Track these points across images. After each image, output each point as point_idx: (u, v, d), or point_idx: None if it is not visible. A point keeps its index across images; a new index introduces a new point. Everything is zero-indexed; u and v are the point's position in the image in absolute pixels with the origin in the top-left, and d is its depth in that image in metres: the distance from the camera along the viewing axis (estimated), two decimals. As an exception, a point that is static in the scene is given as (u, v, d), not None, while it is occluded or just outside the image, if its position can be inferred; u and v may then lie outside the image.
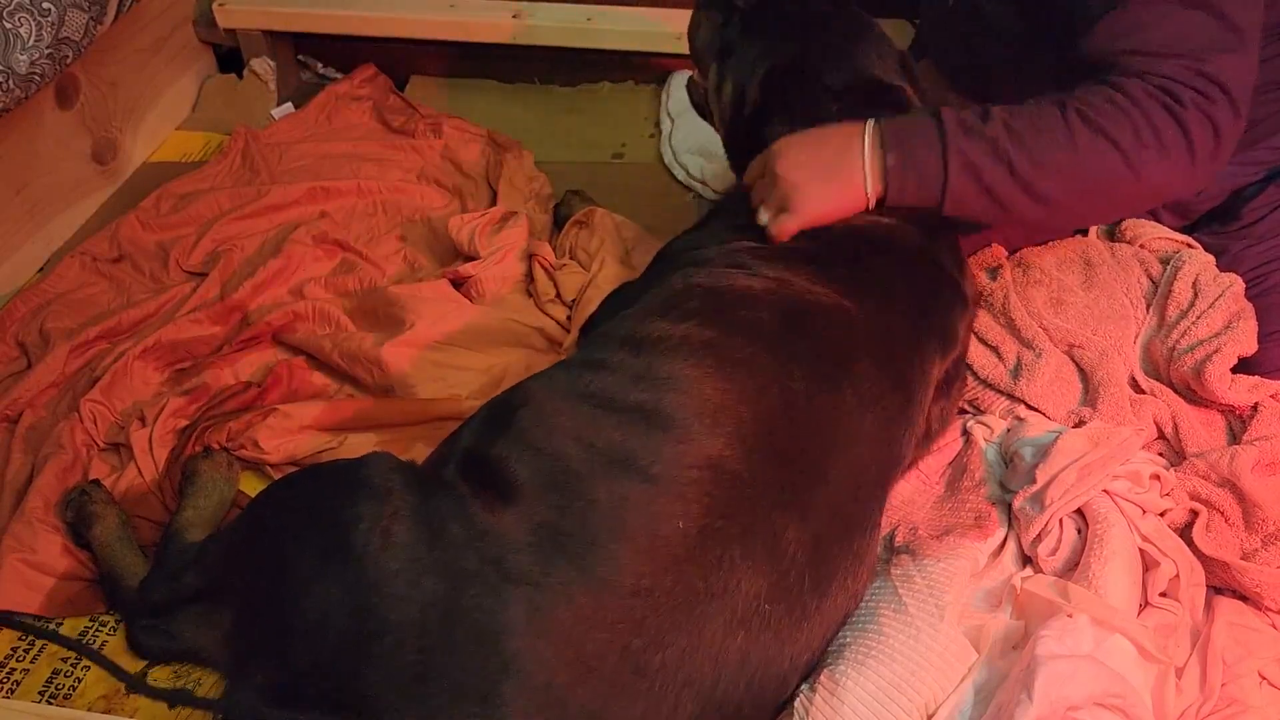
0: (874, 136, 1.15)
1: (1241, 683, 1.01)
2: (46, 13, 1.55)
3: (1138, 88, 1.10)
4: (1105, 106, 1.10)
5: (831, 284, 1.10)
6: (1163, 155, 1.10)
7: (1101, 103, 1.11)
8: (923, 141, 1.13)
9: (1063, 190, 1.13)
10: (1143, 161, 1.10)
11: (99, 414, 1.40)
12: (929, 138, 1.13)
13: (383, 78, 2.19)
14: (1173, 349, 1.26)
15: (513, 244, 1.67)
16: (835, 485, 0.99)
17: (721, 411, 0.97)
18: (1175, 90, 1.09)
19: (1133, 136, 1.09)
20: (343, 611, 0.88)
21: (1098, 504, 1.08)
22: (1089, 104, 1.11)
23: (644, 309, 1.10)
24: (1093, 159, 1.11)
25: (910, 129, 1.15)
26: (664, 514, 0.90)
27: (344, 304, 1.58)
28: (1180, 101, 1.09)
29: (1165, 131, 1.09)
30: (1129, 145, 1.10)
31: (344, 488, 0.96)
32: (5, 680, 1.15)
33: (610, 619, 0.86)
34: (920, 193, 1.14)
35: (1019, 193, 1.12)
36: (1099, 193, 1.15)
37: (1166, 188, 1.19)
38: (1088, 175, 1.12)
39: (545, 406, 1.00)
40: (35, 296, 1.62)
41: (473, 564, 0.87)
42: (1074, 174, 1.12)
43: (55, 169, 1.80)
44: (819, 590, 0.95)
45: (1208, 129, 1.09)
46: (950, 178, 1.12)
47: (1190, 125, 1.09)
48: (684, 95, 2.04)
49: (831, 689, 0.94)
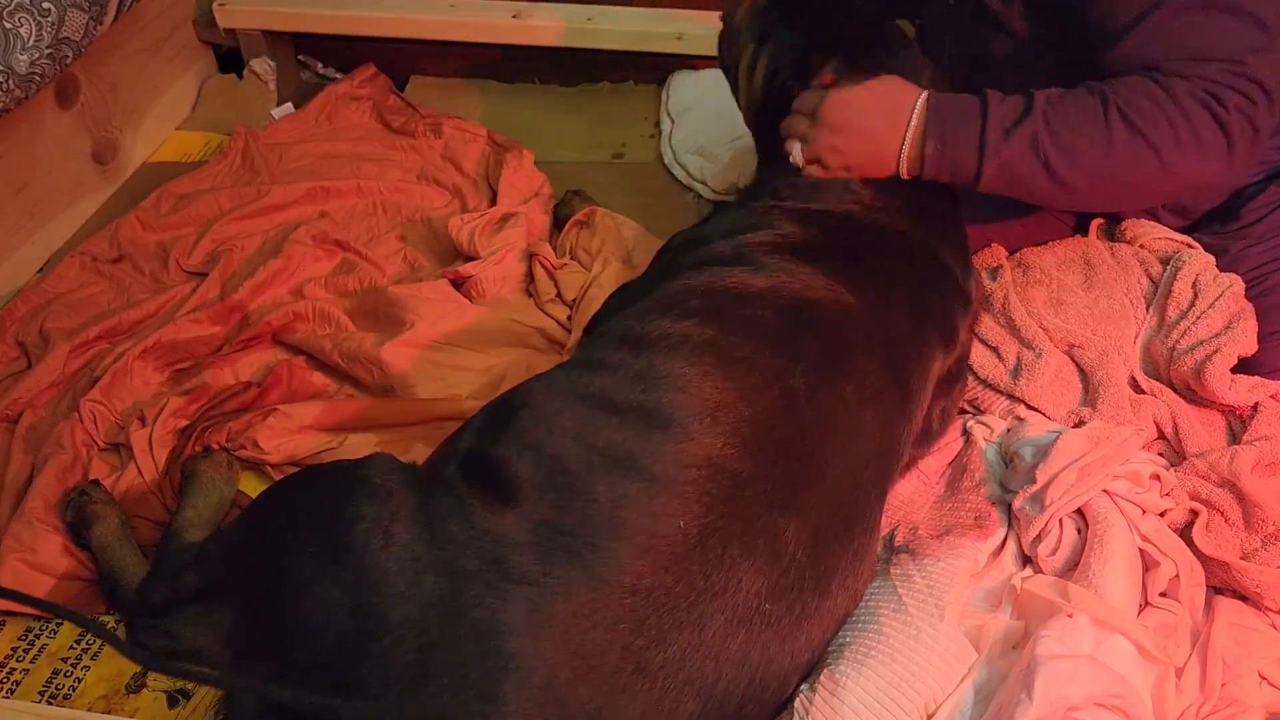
0: (921, 117, 1.18)
1: (1241, 683, 1.01)
2: (46, 13, 1.56)
3: (1183, 88, 1.10)
4: (1147, 105, 1.11)
5: (835, 280, 1.11)
6: (1201, 157, 1.12)
7: (1143, 101, 1.11)
8: (963, 136, 1.17)
9: (1093, 185, 1.16)
10: (1178, 163, 1.12)
11: (99, 414, 1.40)
12: (970, 132, 1.16)
13: (383, 78, 2.19)
14: (1173, 349, 1.26)
15: (513, 244, 1.67)
16: (835, 482, 0.99)
17: (721, 410, 0.97)
18: (1220, 94, 1.10)
19: (1172, 139, 1.11)
20: (343, 610, 0.87)
21: (1098, 504, 1.08)
22: (1131, 102, 1.12)
23: (645, 308, 1.10)
24: (1129, 159, 1.13)
25: (955, 118, 1.18)
26: (664, 513, 0.90)
27: (344, 304, 1.59)
28: (1224, 105, 1.10)
29: (1204, 133, 1.10)
30: (1167, 148, 1.11)
31: (344, 488, 0.96)
32: (5, 680, 1.15)
33: (611, 618, 0.86)
34: (953, 178, 1.20)
35: (1050, 185, 1.16)
36: (1126, 187, 1.18)
37: (1200, 185, 1.23)
38: (1121, 173, 1.15)
39: (546, 407, 1.00)
40: (35, 296, 1.62)
41: (473, 563, 0.87)
42: (1108, 172, 1.15)
43: (55, 169, 1.80)
44: (819, 589, 0.95)
45: (1248, 129, 1.11)
46: (984, 172, 1.17)
47: (1233, 128, 1.10)
48: (684, 95, 2.06)
49: (831, 689, 0.94)
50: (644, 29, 2.06)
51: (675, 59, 2.10)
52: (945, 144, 1.17)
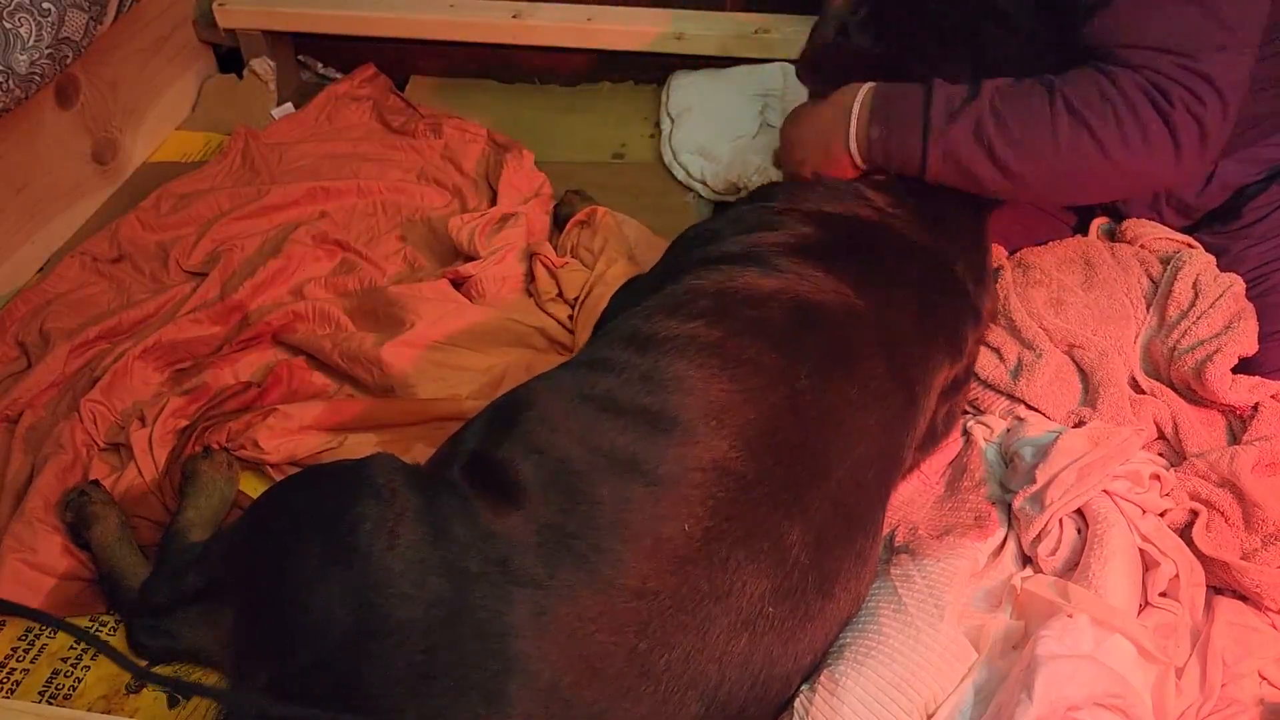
0: (864, 107, 1.21)
1: (1241, 683, 1.01)
2: (46, 13, 1.55)
3: (1129, 80, 1.11)
4: (1093, 97, 1.11)
5: (844, 284, 1.10)
6: (1146, 152, 1.12)
7: (1089, 92, 1.12)
8: (908, 120, 1.19)
9: (1037, 174, 1.17)
10: (1123, 157, 1.12)
11: (99, 414, 1.39)
12: (913, 117, 1.18)
13: (383, 78, 2.19)
14: (1173, 349, 1.26)
15: (513, 244, 1.67)
16: (839, 485, 0.99)
17: (727, 412, 0.97)
18: (1165, 87, 1.09)
19: (1115, 132, 1.11)
20: (346, 611, 0.87)
21: (1097, 504, 1.08)
22: (1077, 93, 1.12)
23: (652, 306, 1.10)
24: (1071, 150, 1.13)
25: (898, 105, 1.20)
26: (669, 516, 0.90)
27: (344, 304, 1.58)
28: (1169, 100, 1.09)
29: (1150, 127, 1.10)
30: (1111, 141, 1.11)
31: (348, 488, 0.95)
32: (5, 680, 1.15)
33: (616, 621, 0.86)
34: (900, 167, 1.21)
35: (996, 174, 1.17)
36: (1073, 179, 1.18)
37: (1148, 180, 1.24)
38: (1064, 164, 1.15)
39: (550, 408, 1.00)
40: (35, 296, 1.62)
41: (478, 565, 0.87)
42: (1051, 162, 1.15)
43: (55, 169, 1.80)
44: (822, 591, 0.95)
45: (1194, 128, 1.10)
46: (929, 158, 1.18)
47: (1177, 124, 1.10)
48: (684, 95, 2.06)
49: (831, 689, 0.94)
50: (644, 29, 2.06)
51: (675, 59, 2.10)
52: (890, 129, 1.19)
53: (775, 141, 1.86)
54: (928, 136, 1.17)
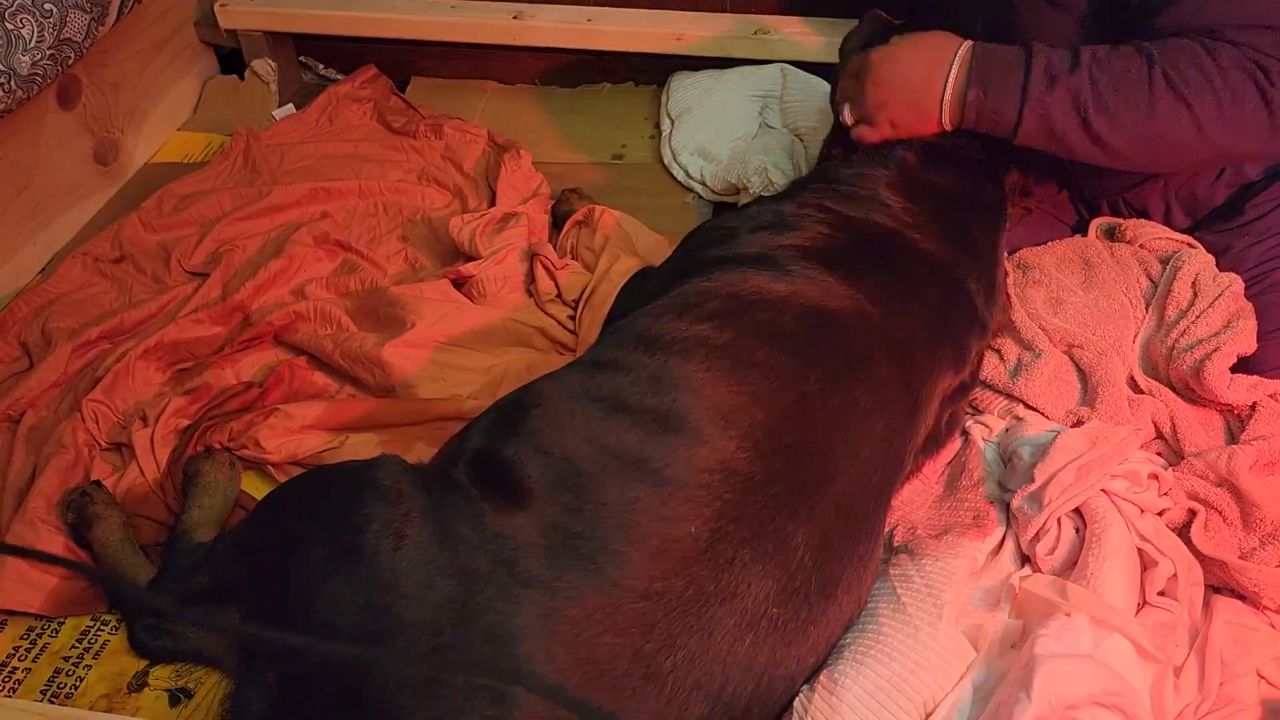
0: (962, 67, 1.20)
1: (1240, 682, 1.02)
2: (48, 14, 1.56)
3: (1229, 56, 1.10)
4: (1192, 72, 1.11)
5: (855, 288, 1.11)
6: (1242, 127, 1.12)
7: (1189, 66, 1.11)
8: (1007, 84, 1.17)
9: (1129, 145, 1.17)
10: (1218, 131, 1.12)
11: (101, 414, 1.40)
12: (1012, 81, 1.17)
13: (384, 79, 2.20)
14: (1172, 348, 1.26)
15: (513, 244, 1.67)
16: (843, 489, 0.99)
17: (735, 413, 0.97)
18: (1266, 64, 1.10)
19: (1214, 108, 1.11)
20: (354, 611, 0.87)
21: (1096, 503, 1.09)
22: (1177, 66, 1.12)
23: (662, 306, 1.10)
24: (1167, 123, 1.13)
25: (998, 69, 1.19)
26: (676, 517, 0.90)
27: (345, 304, 1.59)
28: (1270, 77, 1.09)
29: (1249, 104, 1.10)
30: (1209, 116, 1.11)
31: (354, 489, 0.95)
32: (7, 679, 1.15)
33: (622, 622, 0.86)
34: (994, 129, 1.20)
35: (1087, 142, 1.17)
36: (1165, 151, 1.18)
37: (1237, 155, 1.25)
38: (1159, 137, 1.15)
39: (557, 407, 1.00)
40: (37, 297, 1.62)
41: (485, 566, 0.87)
42: (1147, 135, 1.15)
43: (57, 170, 1.80)
44: (825, 594, 0.96)
45: None
46: (1023, 123, 1.17)
47: (1274, 101, 1.10)
48: (684, 96, 2.06)
49: (830, 688, 0.95)
50: (644, 29, 2.06)
51: (675, 59, 2.10)
52: (987, 92, 1.18)
53: (775, 142, 1.87)
54: (1025, 102, 1.16)
